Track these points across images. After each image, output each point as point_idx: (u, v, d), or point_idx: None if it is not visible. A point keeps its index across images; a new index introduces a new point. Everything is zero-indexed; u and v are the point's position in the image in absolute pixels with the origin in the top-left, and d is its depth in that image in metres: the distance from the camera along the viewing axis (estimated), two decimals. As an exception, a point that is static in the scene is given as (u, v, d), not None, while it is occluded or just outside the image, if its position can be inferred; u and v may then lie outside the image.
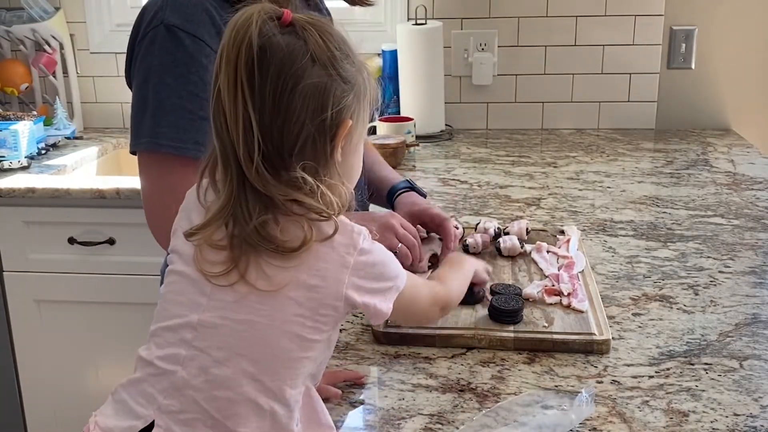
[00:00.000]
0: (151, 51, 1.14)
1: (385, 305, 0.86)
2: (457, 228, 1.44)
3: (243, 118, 0.79)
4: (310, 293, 0.81)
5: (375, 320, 0.87)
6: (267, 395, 0.81)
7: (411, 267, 1.26)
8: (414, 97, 2.32)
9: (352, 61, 0.85)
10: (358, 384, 1.06)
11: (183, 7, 1.14)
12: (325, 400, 1.01)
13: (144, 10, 1.18)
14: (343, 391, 1.05)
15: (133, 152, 1.20)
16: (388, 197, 1.45)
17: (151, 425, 0.84)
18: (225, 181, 0.82)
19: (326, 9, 1.41)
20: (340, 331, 1.20)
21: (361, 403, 1.03)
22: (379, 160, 1.55)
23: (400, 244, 1.26)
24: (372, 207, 1.53)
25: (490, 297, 1.20)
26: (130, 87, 1.20)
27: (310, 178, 0.80)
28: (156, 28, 1.14)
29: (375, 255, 0.85)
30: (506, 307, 1.16)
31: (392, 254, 0.89)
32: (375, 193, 1.48)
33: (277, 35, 0.81)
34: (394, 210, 1.42)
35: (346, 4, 1.38)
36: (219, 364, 0.81)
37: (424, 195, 1.46)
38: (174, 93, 1.13)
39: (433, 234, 1.41)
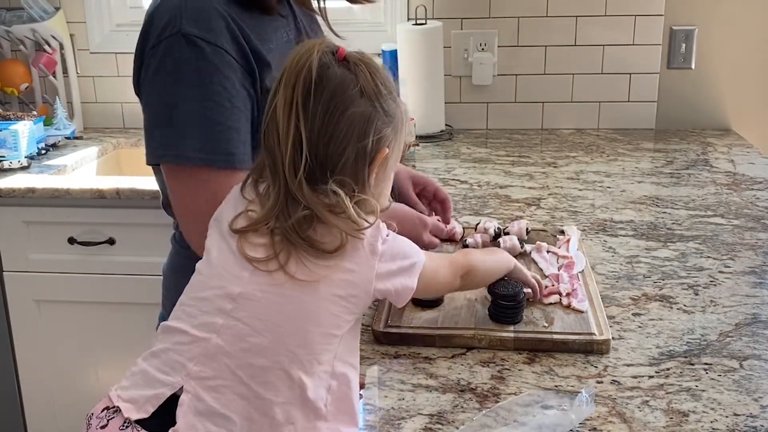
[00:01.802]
0: (169, 61, 1.09)
1: (410, 281, 0.95)
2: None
3: (294, 135, 0.90)
4: (346, 276, 0.90)
5: (402, 301, 0.96)
6: (299, 367, 0.88)
7: None
8: (414, 97, 2.32)
9: (394, 97, 0.97)
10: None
11: (199, 15, 1.10)
12: None
13: (153, 16, 1.13)
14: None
15: (154, 163, 1.15)
16: None
17: (174, 396, 0.89)
18: (273, 189, 0.91)
19: (320, 8, 1.40)
20: (340, 331, 1.20)
21: (362, 403, 1.03)
22: None
23: None
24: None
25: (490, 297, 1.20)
26: (139, 95, 1.17)
27: (341, 192, 0.89)
28: (173, 36, 1.09)
29: (395, 241, 0.95)
30: (505, 292, 1.16)
31: (409, 240, 0.98)
32: None
33: (333, 66, 0.93)
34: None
35: (346, 4, 1.38)
36: (257, 334, 0.88)
37: None
38: (199, 104, 1.09)
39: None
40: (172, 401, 0.90)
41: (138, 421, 0.90)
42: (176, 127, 1.10)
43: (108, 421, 0.90)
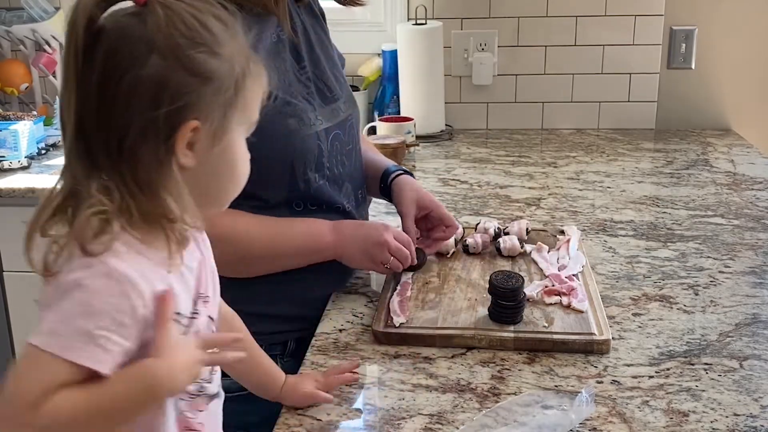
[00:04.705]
0: None
1: (32, 337, 0.71)
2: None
3: (72, 114, 0.73)
4: None
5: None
6: None
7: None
8: (414, 97, 2.32)
9: (212, 49, 0.75)
10: (352, 380, 1.07)
11: None
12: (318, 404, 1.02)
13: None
14: (342, 391, 1.05)
15: None
16: (382, 180, 1.41)
17: None
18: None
19: (320, 10, 1.40)
20: (340, 331, 1.20)
21: (362, 403, 1.03)
22: (369, 146, 1.51)
23: (392, 258, 1.24)
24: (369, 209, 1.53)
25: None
26: None
27: (117, 191, 0.73)
28: None
29: (74, 287, 0.71)
30: (504, 286, 1.16)
31: (94, 309, 0.71)
32: (366, 177, 1.43)
33: (117, 16, 0.74)
34: (391, 194, 1.39)
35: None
36: None
37: None
38: None
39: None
40: None
41: None
42: None
43: None
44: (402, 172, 1.41)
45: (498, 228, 1.46)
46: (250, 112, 0.81)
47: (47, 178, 2.10)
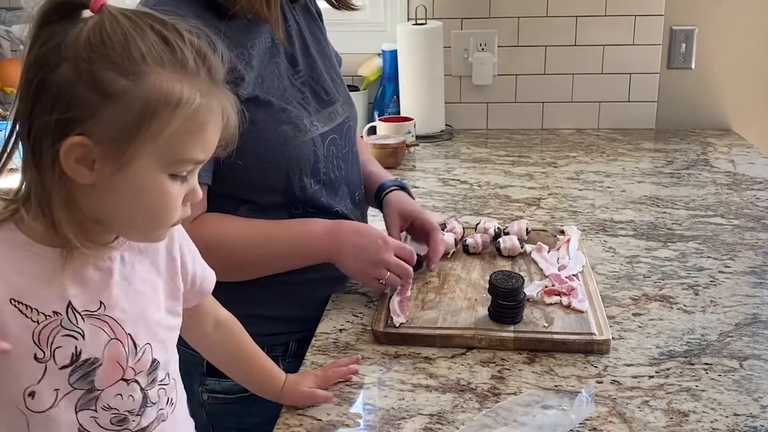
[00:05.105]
0: None
1: None
2: (445, 227, 1.43)
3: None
4: None
5: None
6: None
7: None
8: (414, 97, 2.32)
9: (128, 72, 0.73)
10: (351, 374, 1.07)
11: None
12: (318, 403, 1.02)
13: None
14: (342, 391, 1.05)
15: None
16: (377, 195, 1.41)
17: None
18: None
19: (317, 10, 1.40)
20: (340, 331, 1.20)
21: (362, 403, 1.03)
22: (370, 159, 1.52)
23: (389, 274, 1.21)
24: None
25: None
26: None
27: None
28: None
29: None
30: (504, 286, 1.16)
31: None
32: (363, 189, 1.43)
33: (63, 23, 0.75)
34: (382, 209, 1.39)
35: (346, 5, 1.38)
36: None
37: (412, 197, 1.43)
38: None
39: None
40: None
41: None
42: None
43: None
44: (395, 187, 1.41)
45: (498, 228, 1.46)
46: (167, 146, 0.75)
47: (47, 178, 2.09)
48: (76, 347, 0.79)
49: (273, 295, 1.25)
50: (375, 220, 1.45)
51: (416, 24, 2.30)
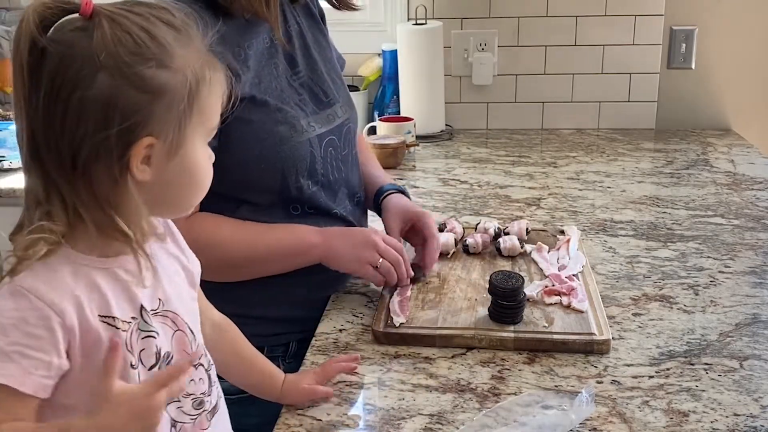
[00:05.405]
0: None
1: None
2: (445, 227, 1.43)
3: (24, 135, 0.73)
4: None
5: None
6: None
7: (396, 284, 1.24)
8: (414, 97, 2.32)
9: (162, 63, 0.73)
10: (350, 369, 1.07)
11: None
12: (318, 400, 1.02)
13: None
14: (342, 391, 1.05)
15: None
16: (375, 197, 1.41)
17: None
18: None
19: (320, 11, 1.40)
20: (340, 331, 1.20)
21: (362, 403, 1.03)
22: (369, 159, 1.51)
23: (381, 260, 1.22)
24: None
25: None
26: None
27: (68, 210, 0.73)
28: None
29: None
30: (504, 286, 1.16)
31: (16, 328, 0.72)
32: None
33: (62, 31, 0.72)
34: (380, 212, 1.39)
35: (346, 5, 1.38)
36: None
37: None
38: None
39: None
40: None
41: None
42: None
43: None
44: (394, 191, 1.40)
45: (498, 228, 1.46)
46: (207, 117, 0.79)
47: (47, 178, 2.10)
48: (156, 346, 0.81)
49: (273, 296, 1.25)
50: (375, 221, 1.45)
51: (416, 24, 2.30)
